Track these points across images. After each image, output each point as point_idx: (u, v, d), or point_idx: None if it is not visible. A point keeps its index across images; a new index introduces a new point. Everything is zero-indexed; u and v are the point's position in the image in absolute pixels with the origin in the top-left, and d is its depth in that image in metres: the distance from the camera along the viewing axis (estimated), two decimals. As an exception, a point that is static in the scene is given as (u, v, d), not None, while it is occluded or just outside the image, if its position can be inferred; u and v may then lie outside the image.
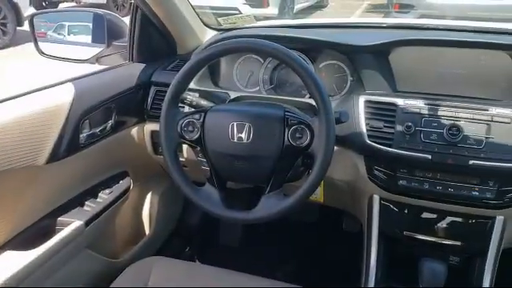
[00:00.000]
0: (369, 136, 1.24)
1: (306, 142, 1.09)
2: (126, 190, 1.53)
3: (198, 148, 1.17)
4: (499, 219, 1.23)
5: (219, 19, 1.76)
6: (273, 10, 6.93)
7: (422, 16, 5.47)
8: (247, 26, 1.75)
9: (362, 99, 1.28)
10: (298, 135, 1.09)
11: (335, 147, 1.09)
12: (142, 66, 1.55)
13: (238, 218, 1.15)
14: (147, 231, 1.78)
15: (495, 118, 1.17)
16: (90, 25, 1.62)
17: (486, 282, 1.25)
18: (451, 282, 1.19)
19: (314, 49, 1.48)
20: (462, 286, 1.30)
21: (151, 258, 1.23)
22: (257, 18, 2.48)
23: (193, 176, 1.21)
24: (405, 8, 6.15)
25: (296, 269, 1.95)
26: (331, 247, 2.02)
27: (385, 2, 7.37)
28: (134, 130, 1.53)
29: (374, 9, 7.72)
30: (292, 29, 1.60)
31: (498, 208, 1.19)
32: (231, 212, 1.14)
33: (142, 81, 1.51)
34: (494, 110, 1.18)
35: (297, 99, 1.34)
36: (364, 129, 1.25)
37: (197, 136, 1.15)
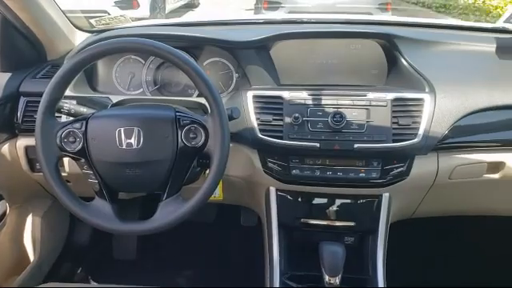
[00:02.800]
0: (260, 130, 1.25)
1: (201, 141, 1.06)
2: (2, 216, 1.36)
3: (83, 160, 1.08)
4: (385, 196, 1.32)
5: (91, 21, 1.64)
6: (144, 11, 6.73)
7: (291, 12, 5.74)
8: (123, 26, 1.66)
9: (249, 94, 1.29)
10: (192, 135, 1.06)
11: (230, 144, 1.08)
12: (8, 75, 1.39)
13: (136, 230, 1.08)
14: (32, 257, 1.60)
15: (373, 103, 1.25)
16: None
17: (380, 256, 1.34)
18: (350, 261, 1.25)
19: (195, 47, 1.45)
20: (359, 263, 1.38)
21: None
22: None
23: (79, 191, 1.12)
24: (273, 5, 6.38)
25: (199, 272, 1.91)
26: (232, 244, 2.02)
27: (253, 1, 7.57)
28: (5, 148, 1.37)
29: (245, 7, 7.91)
30: (170, 27, 1.55)
31: (383, 186, 1.28)
32: (127, 225, 1.07)
33: (9, 92, 1.35)
34: (371, 95, 1.26)
35: (185, 99, 1.30)
36: (255, 123, 1.26)
37: (79, 147, 1.06)
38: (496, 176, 1.33)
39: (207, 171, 1.17)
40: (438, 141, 1.25)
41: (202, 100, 1.16)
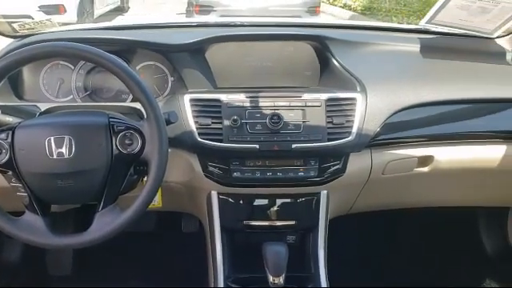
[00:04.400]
0: (199, 134, 1.24)
1: (138, 147, 1.03)
2: None
3: (10, 172, 1.02)
4: (323, 194, 1.35)
5: (14, 25, 1.54)
6: (71, 16, 6.46)
7: (223, 16, 5.76)
8: (49, 30, 1.58)
9: (186, 98, 1.27)
10: (127, 142, 1.03)
11: (168, 149, 1.06)
12: None
13: (71, 243, 1.04)
14: None
15: (308, 103, 1.28)
16: None
17: (321, 252, 1.36)
18: (293, 259, 1.26)
19: (127, 50, 1.41)
20: (301, 261, 1.40)
21: None
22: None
23: (7, 206, 1.05)
24: (205, 8, 6.37)
25: (141, 283, 1.86)
26: (174, 252, 1.98)
27: (184, 5, 7.52)
28: None
29: (176, 11, 7.84)
30: (100, 30, 1.50)
31: (321, 184, 1.31)
32: (61, 238, 1.02)
33: None
34: (306, 96, 1.29)
35: (118, 104, 1.27)
36: (194, 127, 1.24)
37: (6, 158, 1.00)
38: (426, 169, 1.40)
39: (145, 178, 1.14)
40: (370, 138, 1.29)
41: (137, 105, 1.13)
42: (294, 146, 1.24)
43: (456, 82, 1.42)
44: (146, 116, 1.04)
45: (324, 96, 1.28)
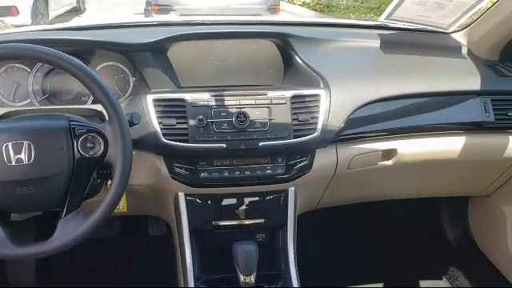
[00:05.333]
0: (164, 134, 1.22)
1: (100, 151, 1.00)
2: None
3: None
4: (291, 190, 1.35)
5: (-38, 27, 1.48)
6: (24, 17, 6.22)
7: (183, 15, 5.70)
8: (2, 32, 1.51)
9: (149, 98, 1.25)
10: (89, 145, 1.00)
11: (132, 151, 1.04)
12: None
13: (33, 252, 1.00)
14: None
15: (273, 101, 1.28)
16: None
17: (291, 248, 1.37)
18: (263, 258, 1.26)
19: (86, 51, 1.36)
20: (272, 259, 1.40)
21: None
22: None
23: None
24: (164, 7, 6.29)
25: None
26: (141, 256, 1.94)
27: (142, 5, 7.40)
28: None
29: (134, 11, 7.71)
30: (57, 31, 1.45)
31: (289, 181, 1.31)
32: (22, 248, 0.98)
33: None
34: (271, 94, 1.29)
35: (79, 107, 1.23)
36: (158, 128, 1.22)
37: None
38: (389, 162, 1.43)
39: (109, 182, 1.11)
40: (335, 134, 1.31)
41: (98, 107, 1.09)
42: (260, 144, 1.23)
43: (415, 75, 1.45)
44: (107, 118, 1.01)
45: (289, 93, 1.28)
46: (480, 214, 1.86)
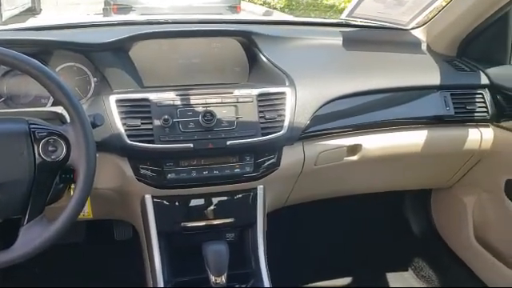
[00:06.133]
0: (128, 136, 1.19)
1: (63, 154, 0.97)
2: None
3: None
4: (260, 188, 1.35)
5: None
6: (-26, 19, 5.99)
7: (143, 14, 5.60)
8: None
9: (112, 99, 1.22)
10: (51, 148, 0.96)
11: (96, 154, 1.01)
12: None
13: None
14: None
15: (240, 99, 1.27)
16: None
17: (261, 247, 1.37)
18: (233, 257, 1.25)
19: (44, 52, 1.31)
20: (242, 258, 1.39)
21: None
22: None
23: None
24: (123, 9, 6.18)
25: None
26: (107, 262, 1.89)
27: (100, 6, 7.23)
28: None
29: (95, 12, 7.52)
30: (13, 31, 1.39)
31: (257, 179, 1.31)
32: None
33: None
34: (237, 92, 1.28)
35: (38, 109, 1.18)
36: (122, 129, 1.19)
37: None
38: (355, 158, 1.45)
39: (72, 186, 1.08)
40: (301, 131, 1.32)
41: (59, 109, 1.06)
42: (228, 142, 1.22)
43: (377, 72, 1.48)
44: (69, 120, 0.98)
45: (255, 91, 1.28)
46: (442, 206, 1.91)
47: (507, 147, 1.49)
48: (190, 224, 1.33)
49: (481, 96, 1.50)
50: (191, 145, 1.20)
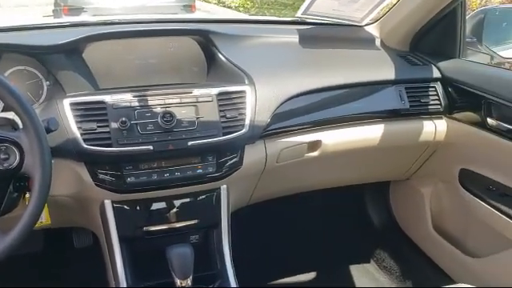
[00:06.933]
0: (84, 140, 1.15)
1: (16, 161, 0.93)
2: None
3: None
4: (223, 188, 1.34)
5: None
6: None
7: (96, 15, 5.46)
8: None
9: (66, 103, 1.17)
10: (3, 156, 0.93)
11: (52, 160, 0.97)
12: None
13: None
14: None
15: (200, 99, 1.25)
16: None
17: (226, 247, 1.36)
18: (199, 259, 1.24)
19: None
20: (208, 260, 1.38)
21: None
22: None
23: None
24: (74, 11, 6.00)
25: None
26: (68, 271, 1.83)
27: (48, 8, 6.99)
28: None
29: (44, 14, 7.26)
30: None
31: (220, 179, 1.30)
32: None
33: None
34: (196, 92, 1.26)
35: None
36: (77, 133, 1.15)
37: None
38: (315, 154, 1.46)
39: (27, 195, 1.03)
40: (263, 129, 1.32)
41: (10, 115, 1.01)
42: (190, 143, 1.21)
43: (334, 68, 1.50)
44: (21, 126, 0.94)
45: (215, 90, 1.27)
46: (401, 197, 1.97)
47: (460, 138, 1.55)
48: (152, 228, 1.31)
49: (434, 89, 1.55)
50: (151, 147, 1.18)
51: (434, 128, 1.56)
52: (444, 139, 1.58)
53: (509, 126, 1.34)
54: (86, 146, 1.15)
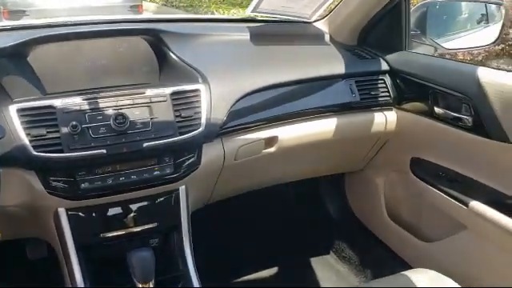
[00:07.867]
0: (34, 146, 1.10)
1: None
2: None
3: None
4: (182, 189, 1.33)
5: None
6: None
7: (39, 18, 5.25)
8: None
9: (12, 109, 1.12)
10: None
11: None
12: None
13: None
14: None
15: (153, 99, 1.23)
16: None
17: (187, 248, 1.35)
18: (160, 262, 1.22)
19: None
20: (170, 262, 1.36)
21: None
22: None
23: None
24: (15, 14, 5.75)
25: None
26: (24, 284, 1.75)
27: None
28: None
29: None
30: None
31: (178, 180, 1.28)
32: None
33: None
34: (149, 92, 1.24)
35: None
36: (26, 140, 1.10)
37: None
38: (272, 149, 1.48)
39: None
40: (219, 127, 1.31)
41: None
42: (145, 144, 1.18)
43: (285, 64, 1.52)
44: None
45: (168, 90, 1.25)
46: (356, 188, 2.02)
47: (409, 127, 1.61)
48: (110, 234, 1.27)
49: (382, 81, 1.60)
50: (104, 150, 1.15)
51: (385, 119, 1.61)
52: (394, 129, 1.63)
53: (454, 114, 1.40)
54: (35, 152, 1.10)
